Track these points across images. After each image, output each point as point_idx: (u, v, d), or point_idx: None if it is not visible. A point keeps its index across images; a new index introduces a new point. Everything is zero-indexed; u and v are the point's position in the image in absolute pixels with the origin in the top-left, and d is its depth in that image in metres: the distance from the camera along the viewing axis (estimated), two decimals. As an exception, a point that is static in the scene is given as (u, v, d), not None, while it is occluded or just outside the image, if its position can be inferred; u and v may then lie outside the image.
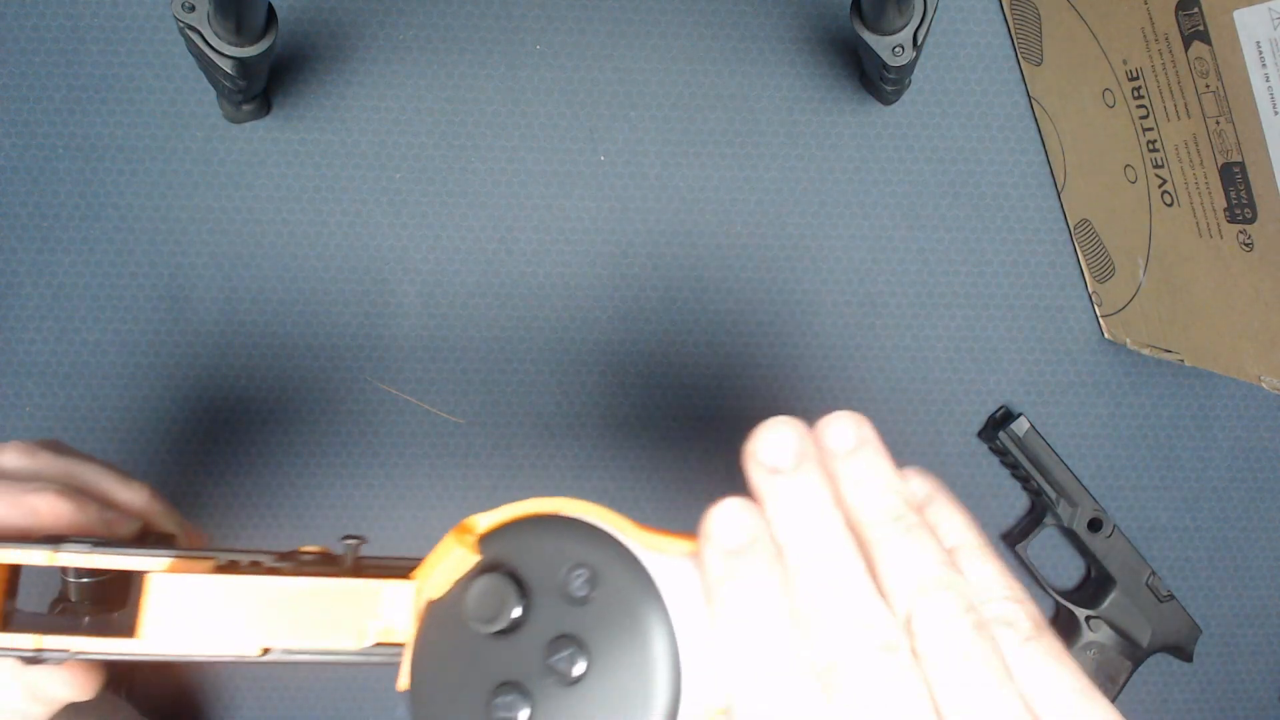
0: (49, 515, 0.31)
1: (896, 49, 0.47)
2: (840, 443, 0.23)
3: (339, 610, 0.27)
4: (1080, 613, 0.56)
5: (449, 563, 0.25)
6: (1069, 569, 0.58)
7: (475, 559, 0.25)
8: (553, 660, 0.24)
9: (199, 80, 0.54)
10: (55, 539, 0.29)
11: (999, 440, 0.56)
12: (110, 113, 0.54)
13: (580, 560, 0.25)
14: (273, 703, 0.55)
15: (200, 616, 0.27)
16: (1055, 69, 0.54)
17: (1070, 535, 0.57)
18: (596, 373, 0.56)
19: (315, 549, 0.29)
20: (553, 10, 0.55)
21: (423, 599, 0.25)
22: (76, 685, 0.31)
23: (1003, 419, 0.57)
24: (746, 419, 0.59)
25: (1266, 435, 0.58)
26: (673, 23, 0.56)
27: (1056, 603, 0.57)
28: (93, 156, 0.54)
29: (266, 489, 0.55)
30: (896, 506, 0.22)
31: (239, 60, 0.44)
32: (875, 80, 0.53)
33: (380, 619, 0.27)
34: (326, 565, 0.28)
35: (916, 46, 0.47)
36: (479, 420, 0.56)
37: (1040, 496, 0.56)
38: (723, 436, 0.56)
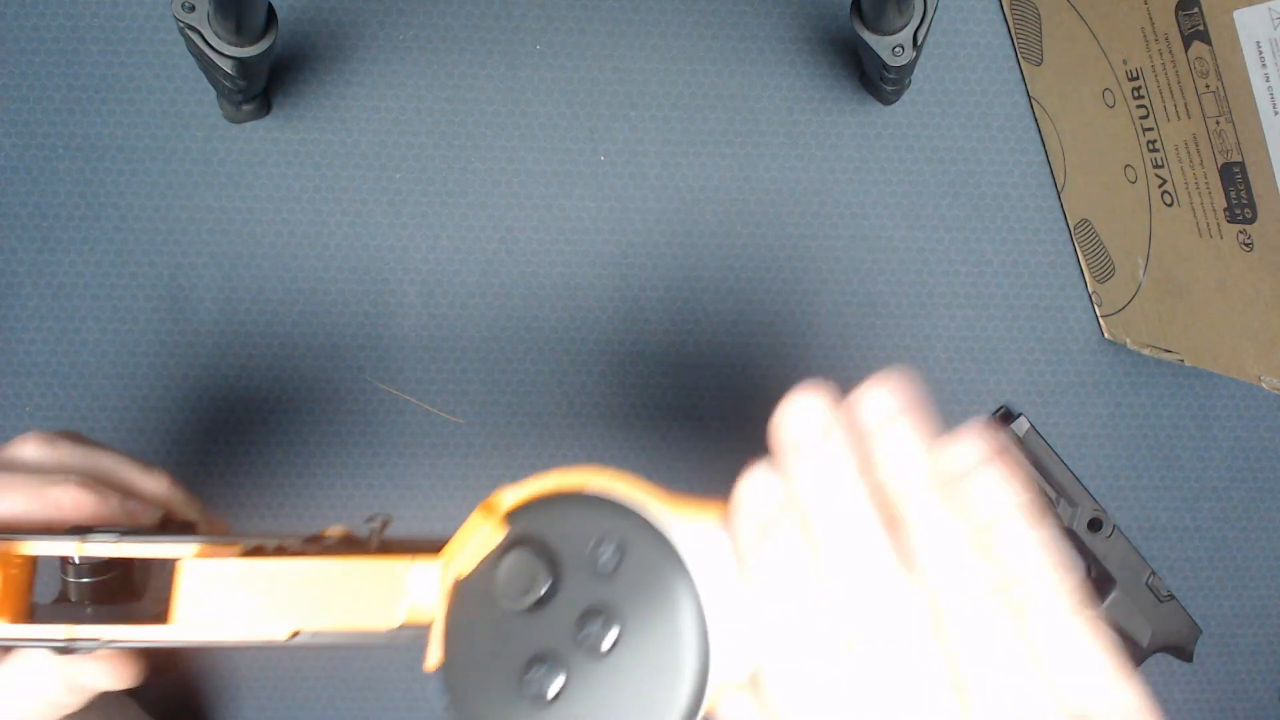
0: (71, 507, 0.30)
1: (896, 49, 0.47)
2: (873, 414, 0.23)
3: (367, 590, 0.27)
4: (1080, 613, 0.56)
5: (476, 540, 0.25)
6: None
7: (502, 535, 0.25)
8: (583, 633, 0.24)
9: (199, 80, 0.54)
10: (81, 530, 0.29)
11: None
12: (110, 113, 0.54)
13: (607, 533, 0.25)
14: (274, 702, 0.55)
15: (231, 601, 0.27)
16: (1055, 69, 0.54)
17: (1070, 535, 0.57)
18: (596, 373, 0.56)
19: (339, 531, 0.29)
20: (553, 10, 0.55)
21: (451, 577, 0.25)
22: (115, 674, 0.30)
23: (1003, 419, 0.57)
24: (747, 418, 0.60)
25: (1266, 435, 0.58)
26: (673, 23, 0.56)
27: (1056, 603, 0.57)
28: (93, 156, 0.54)
29: (266, 489, 0.55)
30: (925, 480, 0.22)
31: (239, 60, 0.44)
32: (875, 80, 0.53)
33: (408, 598, 0.27)
34: (351, 546, 0.28)
35: (916, 46, 0.47)
36: (479, 420, 0.56)
37: (1040, 496, 0.56)
38: (723, 436, 0.56)
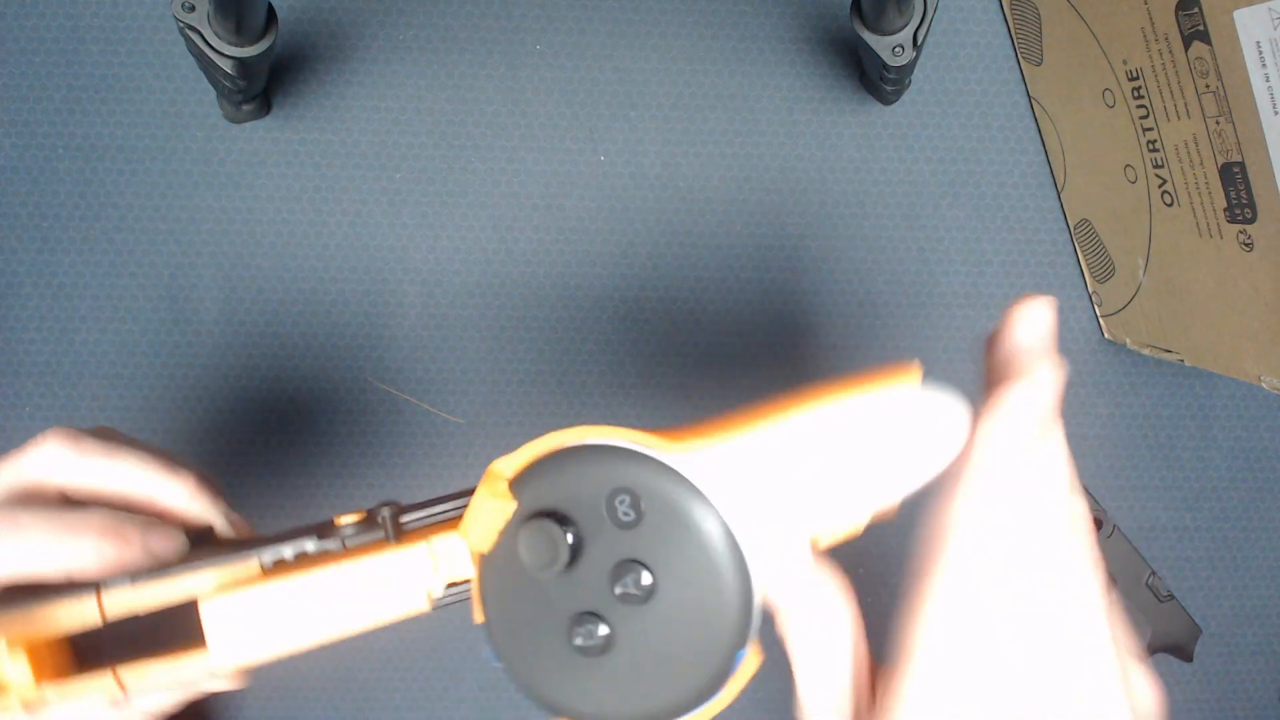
0: (94, 560, 0.29)
1: (896, 49, 0.47)
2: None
3: (398, 581, 0.27)
4: (1080, 613, 0.56)
5: (489, 514, 0.25)
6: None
7: (514, 506, 0.25)
8: (619, 585, 0.24)
9: (199, 80, 0.54)
10: (97, 583, 0.28)
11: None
12: (110, 113, 0.54)
13: (619, 485, 0.25)
14: (275, 702, 0.55)
15: (262, 624, 0.27)
16: (1055, 69, 0.54)
17: (1070, 535, 0.57)
18: (596, 373, 0.56)
19: (354, 517, 0.29)
20: (553, 10, 0.55)
21: (474, 554, 0.26)
22: (173, 695, 0.30)
23: (1003, 419, 0.57)
24: (746, 419, 0.59)
25: (1266, 435, 0.58)
26: (673, 23, 0.56)
27: (1056, 603, 0.57)
28: (93, 156, 0.54)
29: (266, 489, 0.55)
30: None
31: (239, 60, 0.44)
32: (875, 80, 0.53)
33: (439, 575, 0.27)
34: (368, 533, 0.28)
35: (916, 46, 0.47)
36: (479, 420, 0.56)
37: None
38: (723, 436, 0.56)
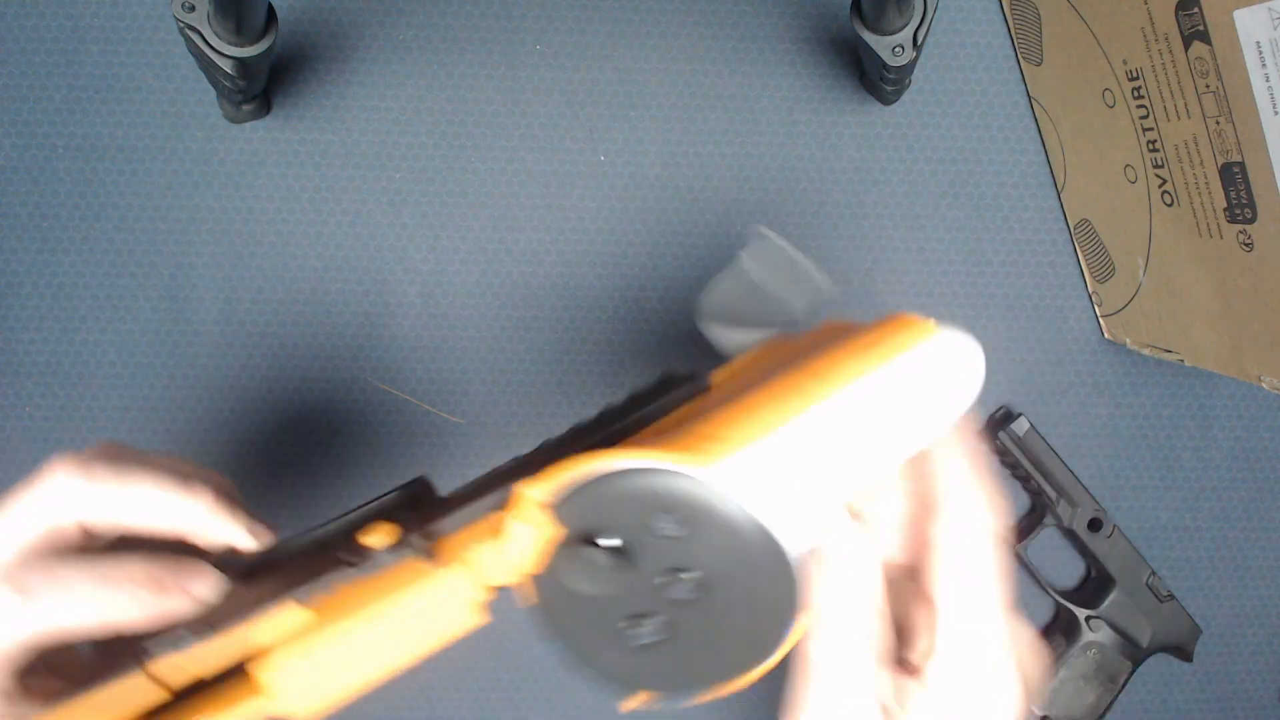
0: (130, 612, 0.28)
1: (896, 49, 0.47)
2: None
3: (449, 604, 0.27)
4: (1080, 613, 0.56)
5: (532, 541, 0.25)
6: (1069, 569, 0.58)
7: (557, 531, 0.25)
8: (670, 591, 0.25)
9: (199, 80, 0.54)
10: (140, 651, 0.27)
11: (999, 440, 0.56)
12: (110, 113, 0.54)
13: (660, 505, 0.24)
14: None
15: (326, 675, 0.27)
16: (1055, 69, 0.54)
17: (1070, 535, 0.57)
18: (596, 373, 0.56)
19: (383, 537, 0.28)
20: (553, 10, 0.55)
21: (521, 575, 0.26)
22: None
23: (1003, 419, 0.57)
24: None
25: (1266, 435, 0.58)
26: (673, 23, 0.56)
27: (1056, 603, 0.57)
28: (93, 156, 0.54)
29: (266, 488, 0.55)
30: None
31: (239, 60, 0.44)
32: (875, 80, 0.53)
33: (484, 588, 0.27)
34: (400, 551, 0.28)
35: (916, 46, 0.47)
36: (479, 420, 0.56)
37: (1040, 496, 0.56)
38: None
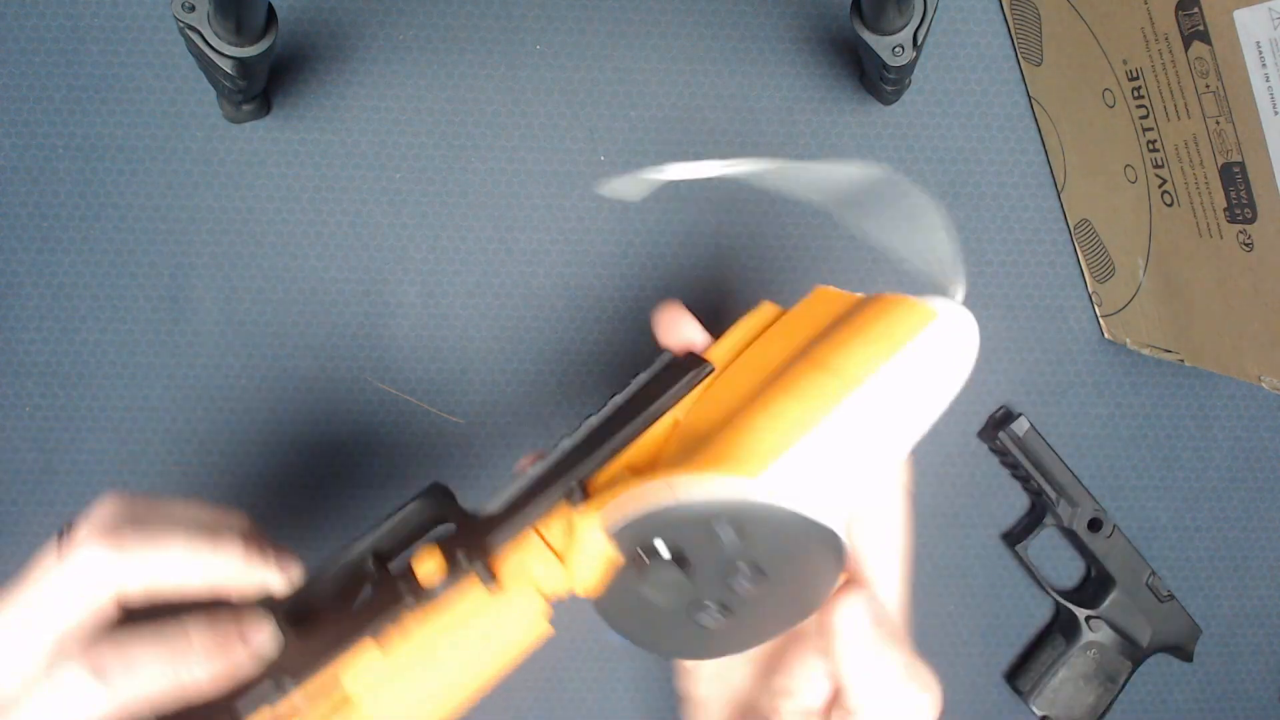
0: (200, 677, 0.28)
1: (896, 49, 0.47)
2: None
3: (514, 624, 0.29)
4: (1080, 613, 0.56)
5: (599, 566, 0.27)
6: (1069, 569, 0.58)
7: (620, 554, 0.27)
8: (733, 582, 0.27)
9: (199, 80, 0.54)
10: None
11: (999, 440, 0.56)
12: (110, 113, 0.54)
13: (720, 520, 0.26)
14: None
15: (412, 707, 0.28)
16: (1055, 69, 0.54)
17: (1070, 535, 0.57)
18: (596, 373, 0.56)
19: (434, 566, 0.29)
20: (553, 10, 0.55)
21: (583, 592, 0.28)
22: None
23: (1003, 419, 0.57)
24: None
25: (1266, 435, 0.58)
26: (673, 23, 0.56)
27: (1056, 603, 0.57)
28: (93, 156, 0.54)
29: (266, 488, 0.55)
30: None
31: (239, 60, 0.44)
32: (875, 80, 0.53)
33: (546, 602, 0.29)
34: (455, 577, 0.28)
35: (916, 46, 0.47)
36: (479, 420, 0.56)
37: (1040, 496, 0.56)
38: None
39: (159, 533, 0.29)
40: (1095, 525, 0.56)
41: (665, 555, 0.26)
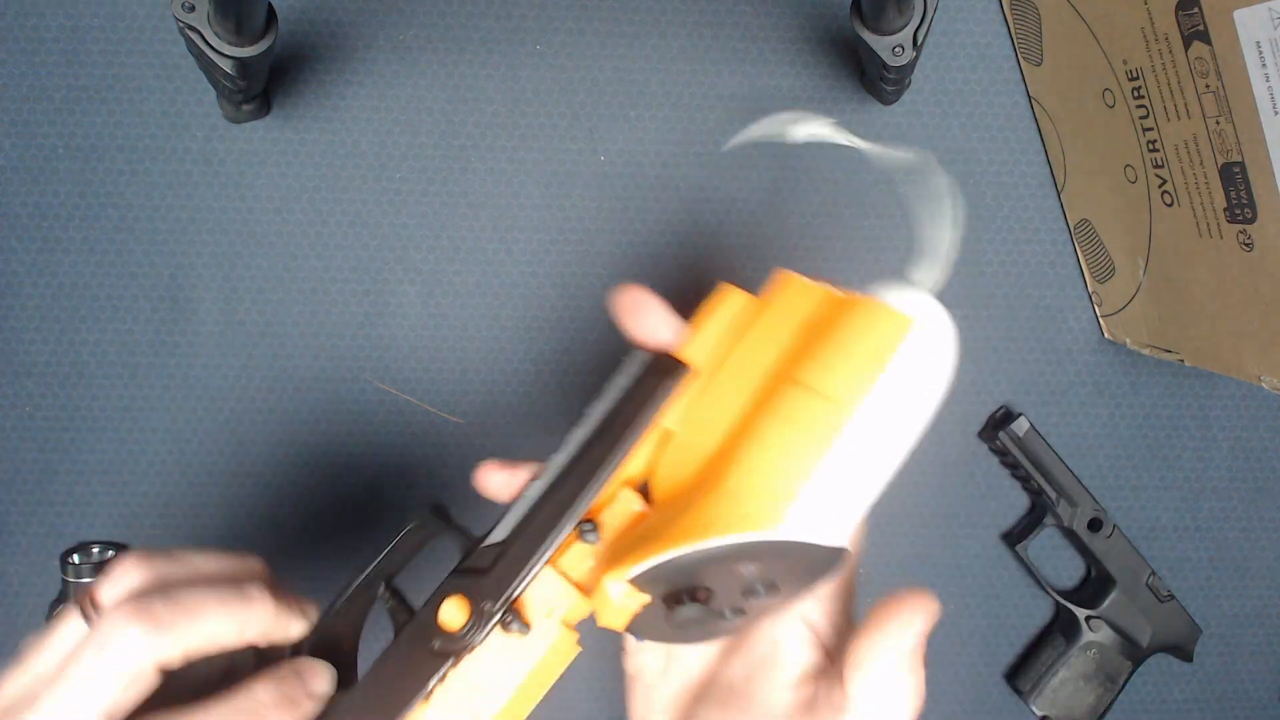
0: None
1: (896, 49, 0.47)
2: None
3: (548, 656, 0.30)
4: (1080, 613, 0.56)
5: (622, 610, 0.29)
6: (1069, 569, 0.58)
7: (647, 598, 0.29)
8: (750, 598, 0.29)
9: (199, 80, 0.54)
10: None
11: (999, 440, 0.56)
12: (110, 113, 0.54)
13: (740, 562, 0.28)
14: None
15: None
16: (1055, 69, 0.54)
17: (1070, 535, 0.57)
18: (597, 373, 0.56)
19: (458, 616, 0.30)
20: (553, 10, 0.55)
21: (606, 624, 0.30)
22: None
23: (1003, 419, 0.57)
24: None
25: (1266, 435, 0.58)
26: (673, 23, 0.56)
27: (1056, 603, 0.57)
28: (93, 156, 0.54)
29: (266, 488, 0.55)
30: None
31: (239, 60, 0.44)
32: (875, 80, 0.53)
33: (572, 628, 0.31)
34: (484, 623, 0.30)
35: (916, 46, 0.47)
36: (479, 420, 0.56)
37: (1040, 496, 0.56)
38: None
39: (191, 601, 0.29)
40: (1095, 525, 0.56)
41: (688, 597, 0.28)
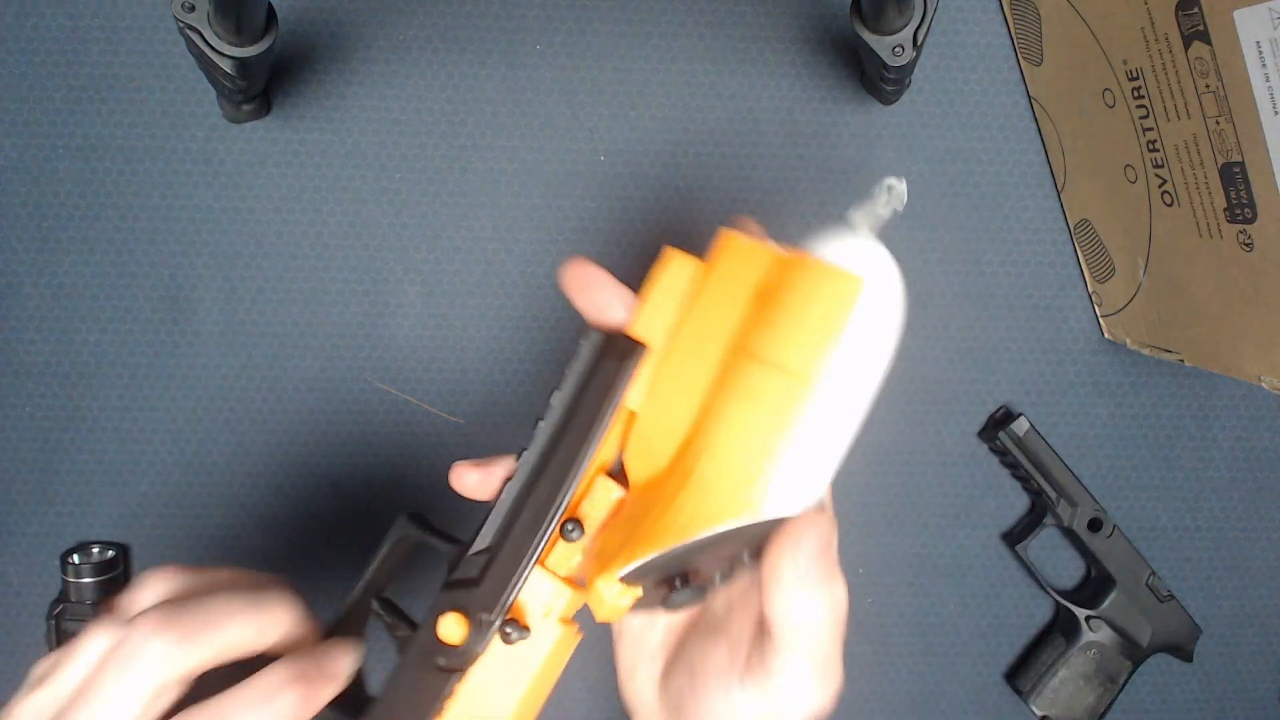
0: (299, 716, 0.29)
1: (896, 49, 0.47)
2: None
3: (551, 651, 0.31)
4: (1080, 613, 0.56)
5: (617, 604, 0.29)
6: (1069, 569, 0.58)
7: (638, 592, 0.29)
8: (735, 567, 0.30)
9: (199, 80, 0.54)
10: None
11: (999, 440, 0.56)
12: (110, 113, 0.54)
13: (730, 540, 0.29)
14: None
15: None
16: (1055, 69, 0.54)
17: (1070, 535, 0.57)
18: (596, 373, 0.56)
19: (458, 630, 0.30)
20: (553, 10, 0.55)
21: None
22: None
23: (1003, 419, 0.57)
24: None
25: (1266, 435, 0.58)
26: (673, 23, 0.56)
27: (1056, 603, 0.57)
28: (93, 156, 0.54)
29: (266, 489, 0.55)
30: None
31: (239, 60, 0.44)
32: (875, 80, 0.53)
33: (567, 623, 0.31)
34: (484, 634, 0.30)
35: (916, 46, 0.47)
36: (479, 420, 0.56)
37: (1040, 496, 0.56)
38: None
39: (214, 609, 0.29)
40: (1095, 525, 0.56)
41: (681, 579, 0.29)
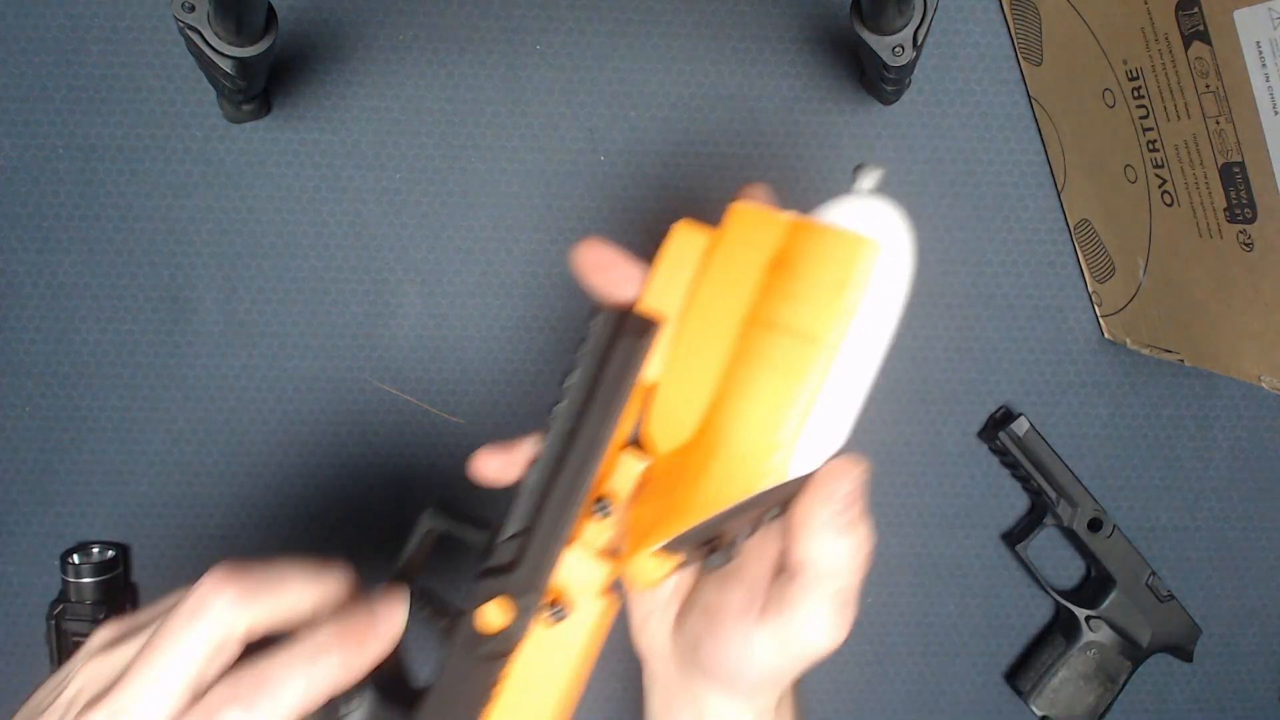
0: (341, 675, 0.29)
1: (896, 49, 0.47)
2: None
3: (592, 626, 0.31)
4: (1080, 613, 0.56)
5: (655, 576, 0.30)
6: (1069, 569, 0.58)
7: (678, 559, 0.30)
8: (761, 523, 0.32)
9: (199, 80, 0.54)
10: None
11: (999, 440, 0.56)
12: (110, 113, 0.54)
13: (762, 504, 0.30)
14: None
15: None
16: (1055, 69, 0.54)
17: (1070, 535, 0.57)
18: (596, 373, 0.56)
19: (504, 617, 0.31)
20: (553, 10, 0.55)
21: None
22: None
23: (1003, 419, 0.57)
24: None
25: (1266, 435, 0.58)
26: (673, 23, 0.56)
27: (1056, 603, 0.57)
28: (93, 156, 0.54)
29: (266, 488, 0.55)
30: None
31: (239, 60, 0.44)
32: (875, 80, 0.53)
33: (605, 595, 0.32)
34: (526, 618, 0.31)
35: (916, 46, 0.47)
36: (479, 420, 0.56)
37: (1040, 496, 0.56)
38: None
39: (278, 575, 0.30)
40: (1095, 525, 0.56)
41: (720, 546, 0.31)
